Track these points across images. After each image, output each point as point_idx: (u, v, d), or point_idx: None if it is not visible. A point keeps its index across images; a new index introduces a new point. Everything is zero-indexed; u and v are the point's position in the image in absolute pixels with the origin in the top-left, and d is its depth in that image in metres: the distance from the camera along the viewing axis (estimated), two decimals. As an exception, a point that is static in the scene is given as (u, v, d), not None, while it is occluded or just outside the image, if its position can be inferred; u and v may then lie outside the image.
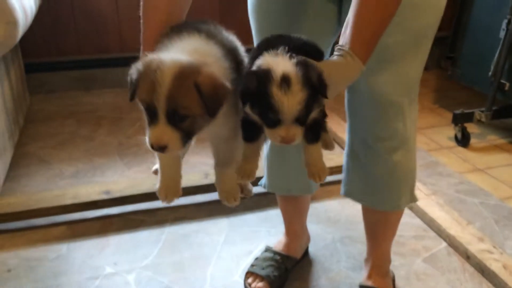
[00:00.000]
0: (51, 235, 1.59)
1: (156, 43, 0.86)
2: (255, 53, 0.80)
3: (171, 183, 0.90)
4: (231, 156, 0.90)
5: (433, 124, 2.55)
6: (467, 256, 1.49)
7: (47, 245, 1.54)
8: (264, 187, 1.37)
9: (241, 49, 0.90)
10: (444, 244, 1.58)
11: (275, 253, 1.42)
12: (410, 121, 1.11)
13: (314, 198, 1.78)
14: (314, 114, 0.78)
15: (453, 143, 2.34)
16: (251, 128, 0.82)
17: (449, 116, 2.42)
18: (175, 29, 0.86)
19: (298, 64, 0.73)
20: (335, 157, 2.00)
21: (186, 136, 0.74)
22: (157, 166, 1.01)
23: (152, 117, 0.72)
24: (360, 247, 1.54)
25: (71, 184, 1.88)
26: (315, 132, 0.84)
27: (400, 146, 1.12)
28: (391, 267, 1.39)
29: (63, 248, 1.53)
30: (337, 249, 1.56)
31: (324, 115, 0.86)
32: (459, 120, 2.30)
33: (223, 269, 1.46)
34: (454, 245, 1.55)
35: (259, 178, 1.36)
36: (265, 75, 0.72)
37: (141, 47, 0.91)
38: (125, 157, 2.13)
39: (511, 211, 1.77)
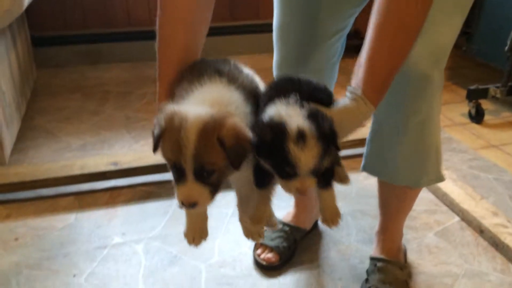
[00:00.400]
0: (59, 205, 1.59)
1: (174, 82, 0.85)
2: (266, 100, 0.79)
3: (197, 226, 0.91)
4: (254, 197, 0.90)
5: (447, 100, 2.49)
6: (481, 230, 1.46)
7: (55, 215, 1.54)
8: None
9: (262, 85, 0.88)
10: (457, 218, 1.55)
11: (284, 224, 1.40)
12: (436, 96, 1.06)
13: (324, 172, 1.75)
14: (325, 163, 0.77)
15: (466, 120, 2.28)
16: (263, 175, 0.81)
17: (463, 93, 2.36)
18: (195, 71, 0.83)
19: (310, 116, 0.73)
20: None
21: (214, 189, 0.74)
22: None
23: (179, 175, 0.72)
24: (371, 221, 1.52)
25: (78, 157, 1.86)
26: (327, 178, 0.84)
27: (425, 120, 1.07)
28: (403, 241, 1.37)
29: (71, 218, 1.53)
30: (347, 222, 1.54)
31: (337, 148, 0.85)
32: (473, 96, 2.24)
33: (231, 240, 1.45)
34: (467, 219, 1.52)
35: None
36: (279, 129, 0.71)
37: (157, 84, 0.89)
38: (133, 130, 2.11)
39: (526, 187, 1.73)
